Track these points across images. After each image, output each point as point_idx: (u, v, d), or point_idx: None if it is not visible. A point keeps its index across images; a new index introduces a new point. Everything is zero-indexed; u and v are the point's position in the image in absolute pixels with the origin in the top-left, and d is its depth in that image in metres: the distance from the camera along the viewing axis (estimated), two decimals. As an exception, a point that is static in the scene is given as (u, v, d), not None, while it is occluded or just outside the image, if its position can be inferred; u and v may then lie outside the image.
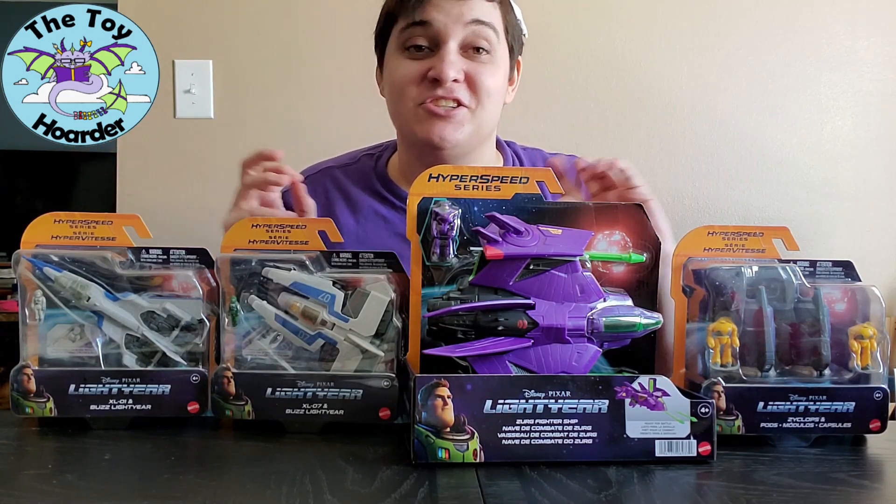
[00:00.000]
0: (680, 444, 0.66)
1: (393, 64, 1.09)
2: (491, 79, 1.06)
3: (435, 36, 1.04)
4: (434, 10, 1.03)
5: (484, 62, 1.06)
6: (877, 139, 1.78)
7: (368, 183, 1.19)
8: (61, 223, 0.79)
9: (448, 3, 1.03)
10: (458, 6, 1.03)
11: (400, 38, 1.07)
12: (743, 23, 1.75)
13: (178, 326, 0.78)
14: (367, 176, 1.19)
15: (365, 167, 1.21)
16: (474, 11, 1.04)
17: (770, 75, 1.75)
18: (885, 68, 1.77)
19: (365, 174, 1.20)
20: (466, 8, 1.03)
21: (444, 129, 1.05)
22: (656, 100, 1.74)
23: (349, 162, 1.23)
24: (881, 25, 1.77)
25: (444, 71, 1.02)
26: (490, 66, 1.06)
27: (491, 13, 1.06)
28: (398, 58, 1.08)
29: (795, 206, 1.76)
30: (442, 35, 1.04)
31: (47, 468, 0.66)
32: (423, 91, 1.05)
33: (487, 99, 1.06)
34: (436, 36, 1.04)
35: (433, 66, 1.03)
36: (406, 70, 1.06)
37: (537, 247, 0.71)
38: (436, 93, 1.04)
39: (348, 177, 1.20)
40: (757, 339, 0.75)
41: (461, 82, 1.04)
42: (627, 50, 1.74)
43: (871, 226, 1.78)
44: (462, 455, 0.64)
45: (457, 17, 1.03)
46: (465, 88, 1.04)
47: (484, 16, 1.04)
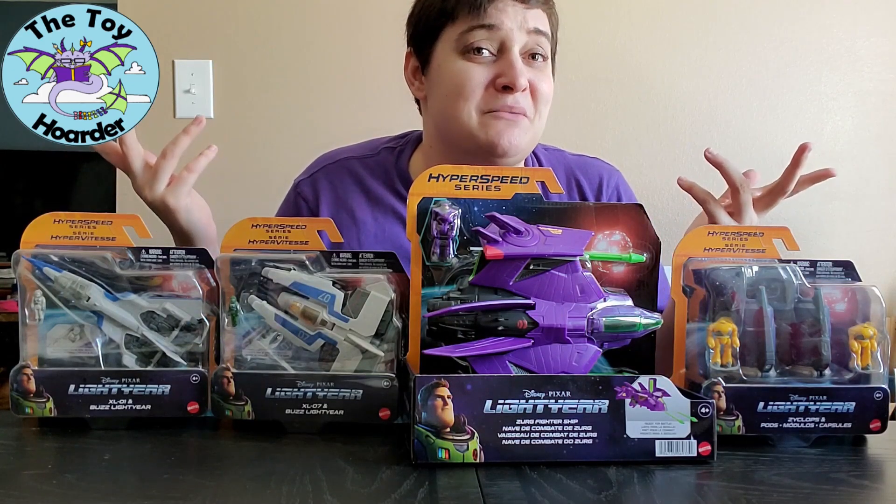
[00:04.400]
0: (680, 444, 0.66)
1: (451, 65, 1.05)
2: (547, 85, 1.06)
3: (500, 40, 1.03)
4: (501, 14, 1.02)
5: (541, 69, 1.06)
6: (877, 139, 1.79)
7: (389, 180, 1.15)
8: (61, 223, 0.79)
9: (513, 9, 1.03)
10: (522, 12, 1.03)
11: (460, 40, 1.04)
12: (743, 23, 1.75)
13: (177, 326, 0.78)
14: (388, 172, 1.16)
15: (386, 162, 1.17)
16: (536, 20, 1.04)
17: (770, 75, 1.76)
18: (885, 68, 1.78)
19: (386, 170, 1.16)
20: (530, 15, 1.03)
21: (511, 135, 1.03)
22: (656, 100, 1.74)
23: (369, 153, 1.19)
24: (881, 25, 1.77)
25: (517, 79, 1.01)
26: (545, 73, 1.06)
27: (546, 22, 1.06)
28: (456, 59, 1.05)
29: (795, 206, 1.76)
30: (507, 40, 1.02)
31: (47, 468, 0.66)
32: (490, 97, 1.03)
33: (544, 106, 1.06)
34: (501, 40, 1.03)
35: (503, 73, 1.02)
36: (471, 73, 1.03)
37: (537, 247, 0.71)
38: (506, 101, 1.02)
39: (367, 169, 1.16)
40: (757, 339, 0.75)
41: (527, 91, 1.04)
42: (628, 50, 1.74)
43: (871, 226, 1.79)
44: (462, 455, 0.64)
45: (521, 23, 1.02)
46: (528, 96, 1.04)
47: (542, 24, 1.05)
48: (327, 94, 1.71)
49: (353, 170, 1.17)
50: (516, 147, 1.04)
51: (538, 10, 1.05)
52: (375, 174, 1.16)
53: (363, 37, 1.72)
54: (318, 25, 1.72)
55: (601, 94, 1.74)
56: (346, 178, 1.16)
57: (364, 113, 1.72)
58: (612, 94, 1.74)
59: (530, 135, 1.06)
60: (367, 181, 1.15)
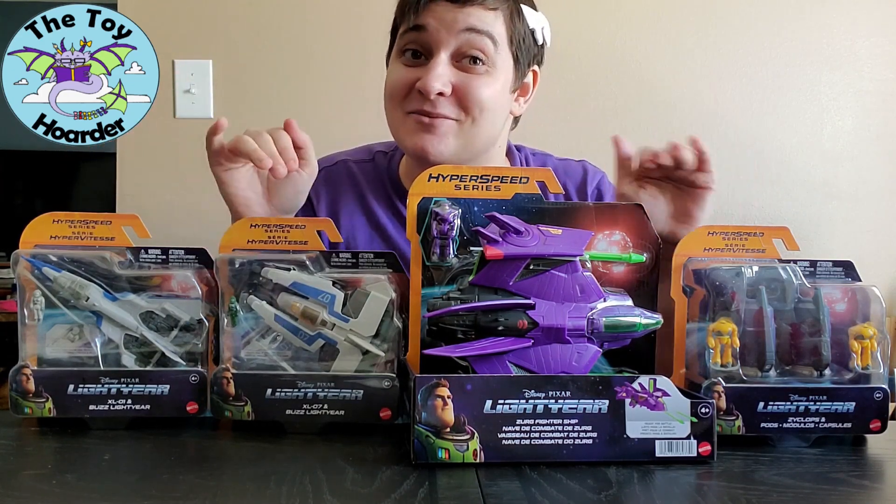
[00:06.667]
0: (680, 444, 0.66)
1: (390, 68, 1.07)
2: (486, 90, 1.01)
3: (428, 43, 1.01)
4: (430, 15, 0.99)
5: (479, 73, 1.01)
6: (877, 139, 1.78)
7: (382, 186, 1.16)
8: (60, 223, 0.79)
9: (444, 9, 0.99)
10: (452, 12, 0.98)
11: (399, 42, 1.04)
12: (743, 23, 1.75)
13: (177, 326, 0.78)
14: (381, 177, 1.17)
15: (380, 167, 1.18)
16: (471, 19, 0.99)
17: (770, 75, 1.75)
18: (885, 68, 1.77)
19: (379, 174, 1.17)
20: (462, 15, 0.99)
21: (428, 142, 1.01)
22: (656, 99, 1.74)
23: (365, 158, 1.19)
24: (881, 25, 1.77)
25: (429, 84, 0.98)
26: (486, 78, 1.01)
27: (490, 21, 1.00)
28: (395, 62, 1.05)
29: (795, 206, 1.76)
30: (434, 42, 1.00)
31: (47, 468, 0.66)
32: (410, 101, 1.02)
33: (480, 112, 1.01)
34: (429, 43, 1.01)
35: (421, 76, 1.00)
36: (398, 76, 1.03)
37: (537, 247, 0.71)
38: (422, 106, 1.00)
39: (364, 174, 1.17)
40: (757, 339, 0.75)
41: (448, 96, 1.00)
42: (627, 50, 1.74)
43: (871, 226, 1.78)
44: (462, 455, 0.64)
45: (451, 23, 0.99)
46: (452, 102, 1.01)
47: (481, 24, 0.99)
48: (327, 94, 1.71)
49: (350, 172, 1.17)
50: (434, 154, 1.01)
51: (477, 9, 0.99)
52: (370, 179, 1.17)
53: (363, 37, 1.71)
54: (318, 25, 1.72)
55: (601, 94, 1.74)
56: (343, 179, 1.17)
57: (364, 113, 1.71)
58: (612, 94, 1.74)
59: (462, 141, 1.03)
60: (362, 187, 1.16)
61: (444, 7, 0.99)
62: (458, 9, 0.99)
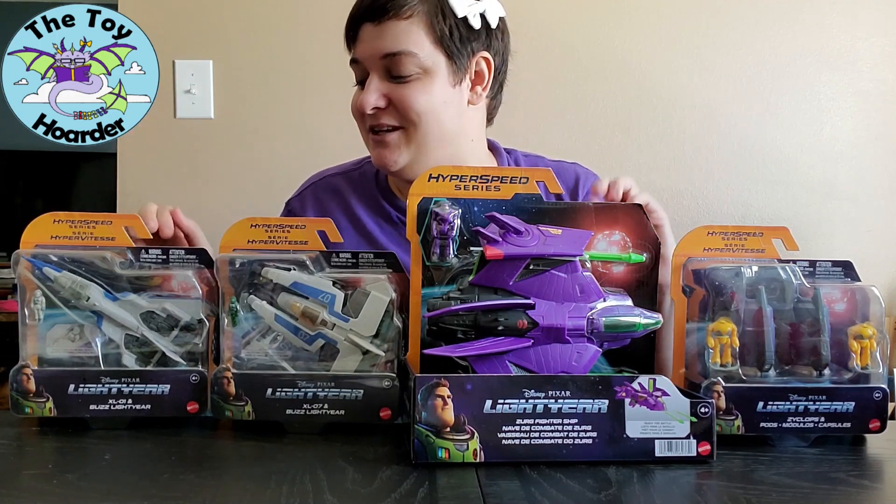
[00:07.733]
0: (680, 443, 0.66)
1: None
2: (421, 97, 1.04)
3: (364, 70, 1.06)
4: (360, 44, 1.06)
5: (410, 81, 1.04)
6: (877, 139, 1.78)
7: (370, 194, 1.18)
8: (61, 223, 0.79)
9: (368, 35, 1.04)
10: (372, 43, 1.04)
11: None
12: (743, 23, 1.75)
13: (177, 326, 0.78)
14: (369, 185, 1.19)
15: (367, 174, 1.20)
16: (386, 44, 1.03)
17: (770, 75, 1.75)
18: (885, 68, 1.77)
19: (367, 182, 1.20)
20: (379, 42, 1.03)
21: (383, 155, 1.07)
22: (656, 100, 1.74)
23: (353, 167, 1.23)
24: (881, 25, 1.77)
25: (363, 102, 1.04)
26: (417, 84, 1.04)
27: (405, 38, 1.03)
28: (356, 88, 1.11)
29: (795, 206, 1.76)
30: (368, 69, 1.06)
31: (47, 468, 0.66)
32: (364, 120, 1.08)
33: (420, 118, 1.04)
34: (364, 70, 1.06)
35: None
36: (353, 100, 1.09)
37: (537, 247, 0.71)
38: (370, 122, 1.06)
39: (350, 183, 1.20)
40: (757, 338, 0.75)
41: (387, 108, 1.05)
42: (627, 50, 1.74)
43: (871, 226, 1.78)
44: (462, 455, 0.64)
45: (372, 52, 1.04)
46: (391, 113, 1.05)
47: (395, 45, 1.03)
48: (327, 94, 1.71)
49: (336, 185, 1.22)
50: (390, 165, 1.07)
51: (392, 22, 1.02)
52: (356, 188, 1.20)
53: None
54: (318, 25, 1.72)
55: (601, 93, 1.74)
56: (329, 195, 1.20)
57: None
58: (612, 94, 1.74)
59: (415, 146, 1.06)
60: (348, 197, 1.19)
61: (368, 32, 1.05)
62: (378, 29, 1.04)
